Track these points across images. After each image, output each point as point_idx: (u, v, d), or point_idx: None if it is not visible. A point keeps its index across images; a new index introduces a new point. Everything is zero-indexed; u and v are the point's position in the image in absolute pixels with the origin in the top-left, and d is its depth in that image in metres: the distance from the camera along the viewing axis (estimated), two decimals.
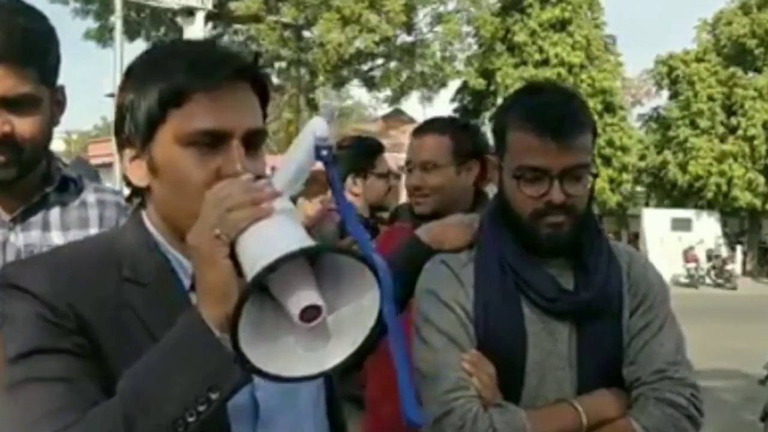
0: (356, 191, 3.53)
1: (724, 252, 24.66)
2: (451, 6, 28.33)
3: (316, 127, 0.99)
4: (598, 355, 1.55)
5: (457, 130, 2.43)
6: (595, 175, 1.57)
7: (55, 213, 1.50)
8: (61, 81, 1.50)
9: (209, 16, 24.11)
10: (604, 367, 1.55)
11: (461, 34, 28.60)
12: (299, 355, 0.92)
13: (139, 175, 1.11)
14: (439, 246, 1.63)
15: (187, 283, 1.10)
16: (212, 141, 1.06)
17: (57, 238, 1.48)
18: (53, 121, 1.47)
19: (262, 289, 0.90)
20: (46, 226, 1.48)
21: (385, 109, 32.47)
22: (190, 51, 1.12)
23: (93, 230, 1.51)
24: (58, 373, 1.01)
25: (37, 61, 1.40)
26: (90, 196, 1.56)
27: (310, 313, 0.89)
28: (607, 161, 28.32)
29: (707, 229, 26.11)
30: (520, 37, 27.80)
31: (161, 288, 1.09)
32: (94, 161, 26.38)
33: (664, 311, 1.62)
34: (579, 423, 1.49)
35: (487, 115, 30.05)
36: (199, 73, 1.06)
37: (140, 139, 1.10)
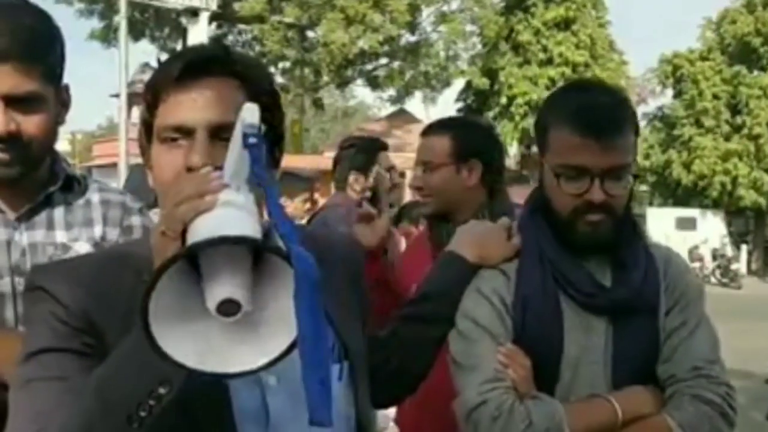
0: (358, 188, 3.55)
1: (729, 251, 24.60)
2: (454, 5, 28.34)
3: (245, 115, 0.98)
4: (633, 352, 1.55)
5: (457, 129, 2.42)
6: (636, 176, 1.58)
7: (59, 212, 1.50)
8: (65, 81, 1.50)
9: (213, 17, 24.15)
10: (639, 365, 1.55)
11: (465, 34, 28.60)
12: (226, 350, 0.90)
13: (151, 179, 1.17)
14: (483, 263, 1.62)
15: None
16: (180, 136, 1.10)
17: (61, 237, 1.48)
18: (58, 119, 1.47)
19: (198, 282, 0.89)
20: (50, 225, 1.48)
21: (389, 109, 32.48)
22: (170, 56, 1.17)
23: (97, 229, 1.51)
24: (62, 372, 1.04)
25: (42, 60, 1.40)
26: (94, 196, 1.56)
27: (228, 308, 0.87)
28: None
29: (712, 228, 26.05)
30: (524, 37, 27.78)
31: None
32: (98, 161, 26.44)
33: (700, 311, 1.62)
34: (614, 417, 1.49)
35: (491, 114, 30.03)
36: (168, 70, 1.11)
37: (146, 144, 1.17)
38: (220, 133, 1.09)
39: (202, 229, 0.89)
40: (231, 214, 0.92)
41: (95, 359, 1.04)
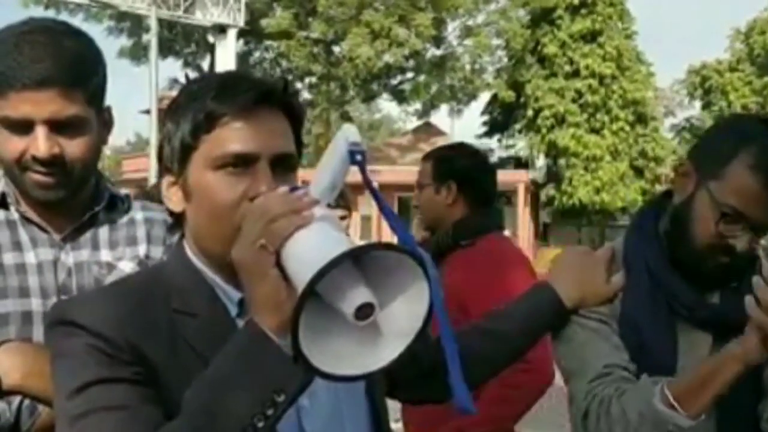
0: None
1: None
2: (480, 19, 28.39)
3: (348, 133, 1.03)
4: None
5: (438, 153, 2.83)
6: None
7: (104, 231, 1.52)
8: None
9: (241, 33, 24.39)
10: (744, 382, 1.48)
11: (491, 47, 28.62)
12: (354, 354, 0.94)
13: (175, 201, 1.16)
14: (581, 307, 1.56)
15: (233, 310, 1.13)
16: (240, 164, 1.09)
17: (106, 256, 1.49)
18: (101, 141, 1.49)
19: (312, 294, 0.92)
20: (95, 245, 1.50)
21: (415, 123, 32.54)
22: (220, 79, 1.16)
23: (141, 248, 1.53)
24: (120, 402, 1.02)
25: (84, 84, 1.41)
26: (138, 214, 1.57)
27: (364, 312, 0.91)
28: (639, 173, 28.07)
29: None
30: (550, 49, 27.72)
31: (211, 317, 1.11)
32: (127, 176, 26.75)
33: None
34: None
35: (517, 127, 29.95)
36: (227, 98, 1.11)
37: (176, 165, 1.14)
38: (278, 163, 1.11)
39: (313, 247, 0.93)
40: (332, 228, 0.97)
41: (149, 387, 1.04)
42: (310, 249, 0.93)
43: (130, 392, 1.03)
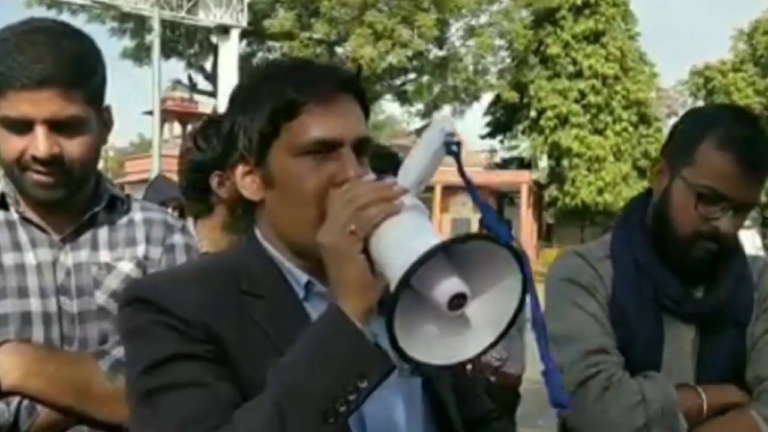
0: None
1: None
2: (483, 20, 28.41)
3: (444, 124, 1.05)
4: (720, 361, 1.55)
5: None
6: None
7: (103, 232, 1.52)
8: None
9: (243, 34, 24.44)
10: (725, 374, 1.55)
11: (494, 48, 28.64)
12: (442, 343, 0.94)
13: (253, 189, 1.17)
14: None
15: (300, 292, 1.15)
16: (325, 149, 1.12)
17: (105, 256, 1.49)
18: (100, 141, 1.49)
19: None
20: (94, 245, 1.50)
21: (418, 123, 32.55)
22: (295, 69, 1.19)
23: (140, 248, 1.53)
24: (195, 379, 1.03)
25: (84, 84, 1.41)
26: (137, 215, 1.57)
27: (457, 302, 0.91)
28: (642, 173, 28.05)
29: (746, 240, 25.59)
30: (554, 50, 27.73)
31: (279, 299, 1.13)
32: (130, 177, 26.82)
33: None
34: (700, 407, 1.50)
35: (520, 127, 29.97)
36: (309, 86, 1.13)
37: (254, 155, 1.15)
38: (358, 147, 1.14)
39: (406, 236, 0.94)
40: (423, 219, 0.99)
41: (222, 365, 1.04)
42: (403, 238, 0.94)
43: (204, 369, 1.04)
